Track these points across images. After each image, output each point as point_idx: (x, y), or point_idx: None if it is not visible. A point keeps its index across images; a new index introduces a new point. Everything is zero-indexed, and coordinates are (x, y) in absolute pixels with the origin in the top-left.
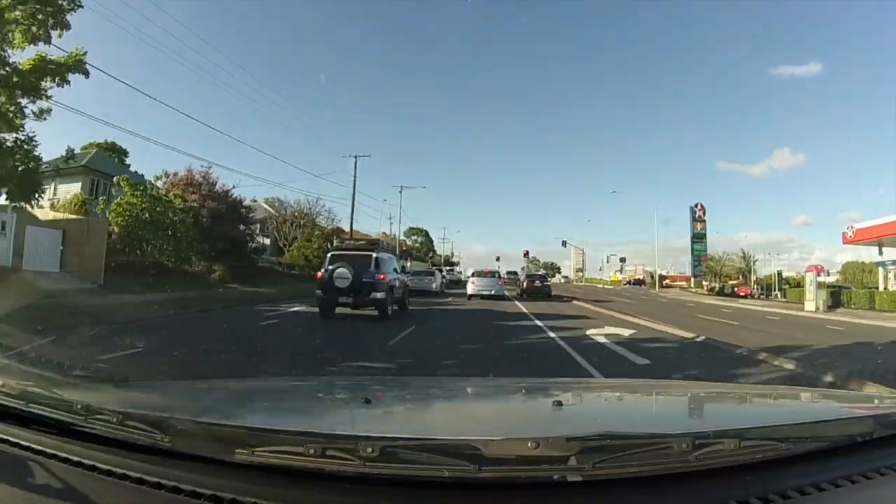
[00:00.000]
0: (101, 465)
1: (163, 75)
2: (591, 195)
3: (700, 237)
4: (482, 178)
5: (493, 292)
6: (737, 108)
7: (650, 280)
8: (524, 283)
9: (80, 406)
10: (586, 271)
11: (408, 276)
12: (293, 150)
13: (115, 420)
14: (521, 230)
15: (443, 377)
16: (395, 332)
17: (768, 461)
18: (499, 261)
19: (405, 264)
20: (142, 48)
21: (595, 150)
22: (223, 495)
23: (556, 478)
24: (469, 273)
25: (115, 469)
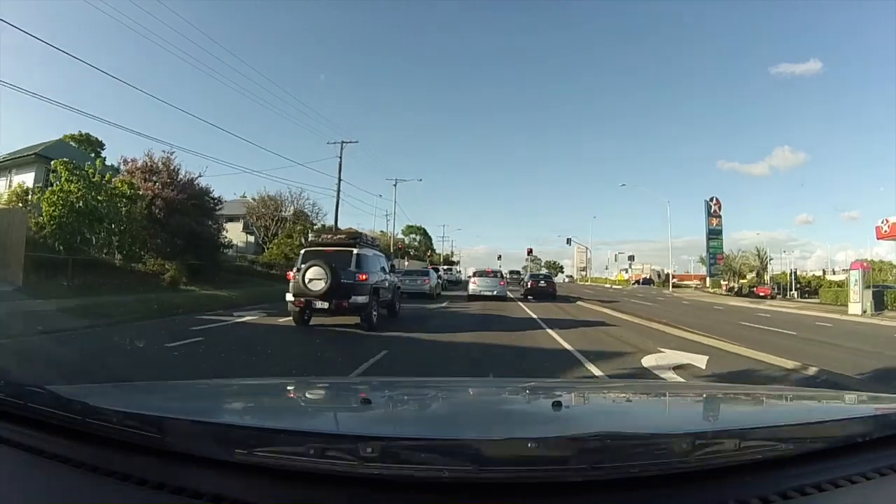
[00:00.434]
0: (101, 466)
1: (151, 64)
2: (592, 194)
3: (716, 233)
4: (482, 177)
5: (495, 293)
6: (737, 107)
7: (658, 279)
8: (528, 284)
9: (80, 406)
10: (589, 270)
11: (398, 277)
12: (291, 149)
13: (115, 420)
14: (521, 229)
15: (443, 377)
16: (358, 359)
17: (768, 461)
18: (500, 259)
19: (395, 263)
20: (117, 29)
21: (595, 149)
22: (223, 496)
23: (556, 478)
24: (469, 273)
25: (115, 469)
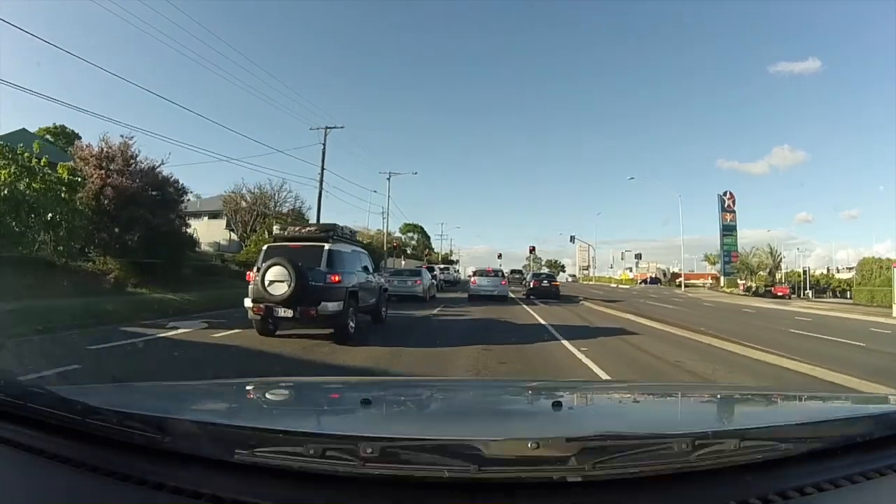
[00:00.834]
0: (101, 466)
1: (131, 46)
2: (592, 193)
3: (730, 230)
4: (482, 177)
5: (496, 293)
6: (736, 105)
7: (663, 278)
8: (531, 283)
9: (80, 406)
10: (593, 269)
11: (386, 277)
12: (288, 145)
13: (115, 420)
14: (521, 229)
15: (442, 377)
16: None
17: (768, 461)
18: (500, 258)
19: (386, 262)
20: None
21: (594, 148)
22: (223, 496)
23: (555, 478)
24: (469, 272)
25: (115, 469)
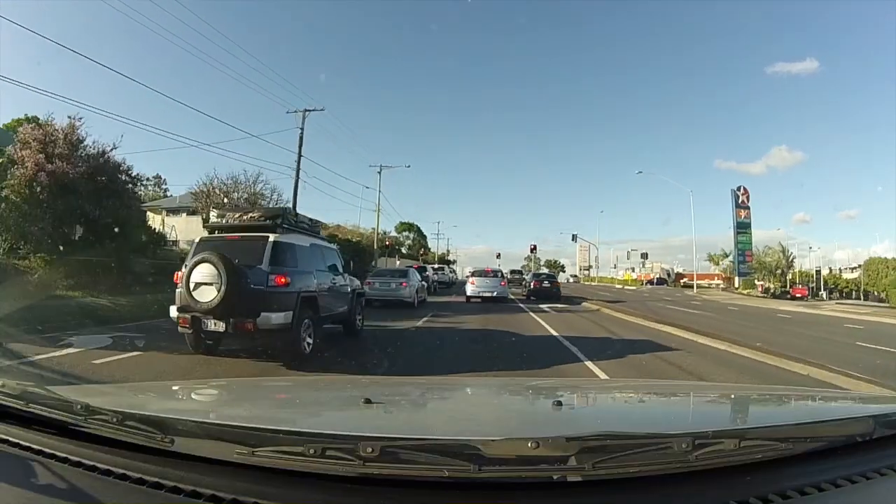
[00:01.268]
0: (100, 465)
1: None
2: (591, 193)
3: (744, 227)
4: (481, 177)
5: (495, 294)
6: (734, 106)
7: (668, 278)
8: (531, 284)
9: (79, 406)
10: (596, 269)
11: (372, 278)
12: (283, 141)
13: (115, 420)
14: (520, 228)
15: (442, 377)
16: None
17: (768, 461)
18: (499, 258)
19: (377, 262)
20: None
21: (593, 148)
22: (223, 495)
23: (555, 478)
24: (467, 272)
25: (114, 469)
